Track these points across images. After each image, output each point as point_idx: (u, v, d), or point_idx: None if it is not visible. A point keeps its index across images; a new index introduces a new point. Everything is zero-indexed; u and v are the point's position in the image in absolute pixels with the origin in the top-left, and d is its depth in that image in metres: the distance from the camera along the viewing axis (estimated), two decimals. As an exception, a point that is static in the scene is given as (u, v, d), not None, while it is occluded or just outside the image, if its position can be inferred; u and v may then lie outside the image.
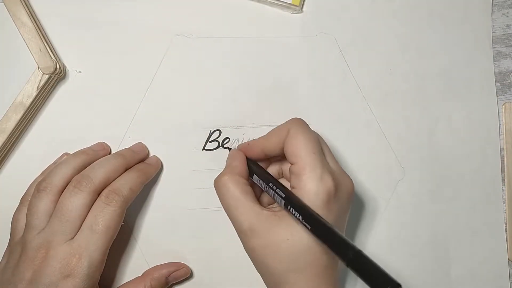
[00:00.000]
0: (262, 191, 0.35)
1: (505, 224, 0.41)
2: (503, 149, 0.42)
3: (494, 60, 0.42)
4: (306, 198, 0.30)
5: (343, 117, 0.40)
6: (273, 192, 0.31)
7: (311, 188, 0.30)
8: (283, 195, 0.31)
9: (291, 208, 0.30)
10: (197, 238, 0.39)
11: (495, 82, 0.42)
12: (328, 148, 0.34)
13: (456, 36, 0.42)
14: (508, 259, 0.41)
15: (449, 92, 0.42)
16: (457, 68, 0.42)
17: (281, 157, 0.35)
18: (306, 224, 0.28)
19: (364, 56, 0.41)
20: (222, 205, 0.33)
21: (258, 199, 0.34)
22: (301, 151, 0.31)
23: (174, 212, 0.38)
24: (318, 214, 0.29)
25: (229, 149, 0.39)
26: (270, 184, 0.32)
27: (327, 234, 0.27)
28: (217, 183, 0.33)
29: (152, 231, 0.38)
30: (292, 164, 0.32)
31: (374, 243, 0.40)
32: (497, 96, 0.42)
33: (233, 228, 0.39)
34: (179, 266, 0.37)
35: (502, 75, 0.43)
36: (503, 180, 0.42)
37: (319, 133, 0.40)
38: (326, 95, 0.40)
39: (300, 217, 0.29)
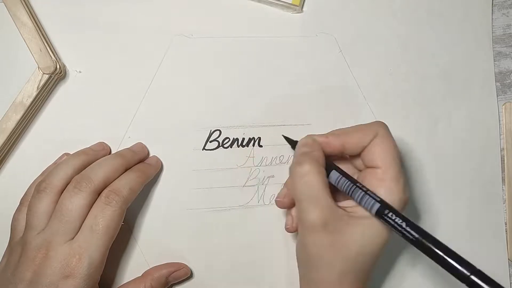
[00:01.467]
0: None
1: (505, 224, 0.41)
2: (503, 149, 0.42)
3: (494, 60, 0.42)
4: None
5: (343, 117, 0.40)
6: (363, 194, 0.30)
7: (395, 196, 0.30)
8: (378, 199, 0.30)
9: (390, 214, 0.29)
10: (197, 238, 0.39)
11: (495, 82, 0.42)
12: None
13: (456, 36, 0.42)
14: (508, 259, 0.41)
15: (449, 92, 0.42)
16: (457, 68, 0.42)
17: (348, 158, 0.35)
18: (412, 232, 0.28)
19: (364, 56, 0.41)
20: (295, 193, 0.31)
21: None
22: (389, 157, 0.31)
23: (174, 212, 0.38)
24: (418, 226, 0.29)
25: (288, 139, 0.37)
26: (358, 185, 0.31)
27: (435, 245, 0.28)
28: (299, 172, 0.31)
29: (152, 231, 0.38)
30: (374, 167, 0.31)
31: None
32: (497, 96, 0.42)
33: (233, 228, 0.39)
34: (179, 266, 0.37)
35: (502, 75, 0.43)
36: (503, 180, 0.42)
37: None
38: (326, 95, 0.40)
39: (404, 223, 0.28)
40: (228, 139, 0.39)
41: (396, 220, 0.29)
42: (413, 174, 0.41)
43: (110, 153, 0.38)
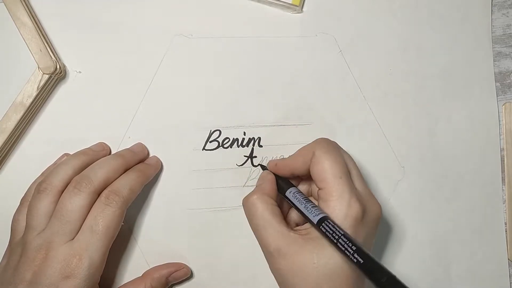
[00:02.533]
0: (288, 211, 0.35)
1: (505, 224, 0.41)
2: (503, 149, 0.42)
3: (494, 60, 0.42)
4: None
5: (343, 117, 0.40)
6: (306, 211, 0.31)
7: (338, 213, 0.30)
8: (318, 214, 0.30)
9: (325, 228, 0.29)
10: (197, 238, 0.39)
11: (495, 82, 0.42)
12: (356, 168, 0.34)
13: (456, 36, 0.42)
14: (508, 259, 0.41)
15: (449, 92, 0.42)
16: (457, 68, 0.42)
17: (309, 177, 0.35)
18: (341, 247, 0.28)
19: (364, 56, 0.41)
20: (250, 225, 0.33)
21: (285, 219, 0.34)
22: (327, 176, 0.31)
23: (174, 212, 0.38)
24: (352, 238, 0.28)
25: (262, 166, 0.39)
26: (304, 202, 0.32)
27: (362, 258, 0.27)
28: (246, 203, 0.33)
29: (152, 231, 0.38)
30: (319, 188, 0.32)
31: (374, 243, 0.40)
32: (497, 96, 0.42)
33: (233, 228, 0.39)
34: (179, 266, 0.37)
35: (502, 75, 0.43)
36: (503, 180, 0.42)
37: (319, 132, 0.40)
38: (326, 95, 0.40)
39: (335, 239, 0.28)
40: (228, 139, 0.39)
41: (329, 235, 0.29)
42: (413, 174, 0.41)
43: (110, 153, 0.38)
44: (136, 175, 0.35)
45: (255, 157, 0.39)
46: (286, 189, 0.34)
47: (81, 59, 0.39)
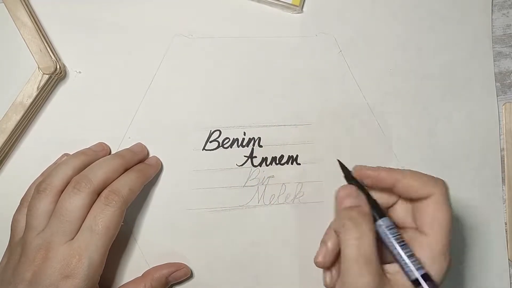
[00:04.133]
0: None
1: (505, 224, 0.41)
2: (503, 149, 0.42)
3: (494, 60, 0.42)
4: None
5: (343, 117, 0.40)
6: (406, 259, 0.29)
7: (436, 269, 0.29)
8: (419, 269, 0.28)
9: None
10: (197, 238, 0.39)
11: (495, 82, 0.42)
12: None
13: (456, 36, 0.42)
14: (508, 259, 0.41)
15: (449, 92, 0.42)
16: (457, 68, 0.42)
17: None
18: None
19: (364, 56, 0.41)
20: (347, 255, 0.28)
21: None
22: (439, 227, 0.29)
23: (174, 212, 0.38)
24: None
25: (343, 167, 0.33)
26: (400, 245, 0.29)
27: None
28: (352, 233, 0.29)
29: (152, 231, 0.38)
30: (421, 231, 0.30)
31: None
32: (497, 96, 0.42)
33: (233, 228, 0.39)
34: (179, 266, 0.37)
35: (502, 75, 0.43)
36: (503, 180, 0.42)
37: (318, 133, 0.40)
38: (326, 95, 0.40)
39: None
40: (228, 139, 0.39)
41: None
42: (413, 174, 0.41)
43: (110, 153, 0.38)
44: (136, 175, 0.35)
45: (255, 157, 0.39)
46: (377, 218, 0.30)
47: (81, 59, 0.39)
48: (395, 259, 0.29)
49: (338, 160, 0.33)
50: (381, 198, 0.32)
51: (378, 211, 0.31)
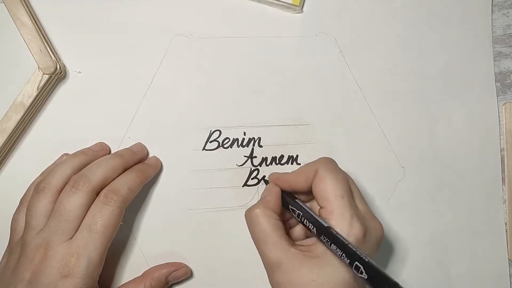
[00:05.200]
0: (292, 227, 0.35)
1: (505, 224, 0.41)
2: (503, 149, 0.42)
3: (494, 60, 0.42)
4: None
5: (343, 117, 0.40)
6: (308, 223, 0.31)
7: (339, 232, 0.30)
8: (320, 226, 0.30)
9: (326, 239, 0.29)
10: (197, 238, 0.39)
11: (495, 82, 0.42)
12: (357, 189, 0.34)
13: (456, 36, 0.42)
14: (508, 259, 0.41)
15: (449, 92, 0.42)
16: (457, 68, 0.42)
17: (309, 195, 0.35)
18: (345, 257, 0.28)
19: (364, 56, 0.41)
20: (252, 237, 0.33)
21: (289, 233, 0.34)
22: (329, 195, 0.31)
23: (174, 212, 0.38)
24: (357, 248, 0.28)
25: (266, 182, 0.39)
26: (311, 211, 0.32)
27: (365, 267, 0.27)
28: (249, 215, 0.33)
29: (152, 231, 0.38)
30: (320, 207, 0.32)
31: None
32: (497, 96, 0.42)
33: (233, 228, 0.39)
34: (179, 266, 0.37)
35: (502, 75, 0.42)
36: (503, 180, 0.42)
37: (318, 133, 0.40)
38: (326, 95, 0.40)
39: (338, 250, 0.28)
40: (228, 139, 0.39)
41: (331, 242, 0.29)
42: (413, 174, 0.41)
43: (109, 153, 0.38)
44: (135, 174, 0.35)
45: (255, 157, 0.39)
46: (291, 200, 0.34)
47: (81, 59, 0.39)
48: (306, 228, 0.32)
49: (264, 179, 0.39)
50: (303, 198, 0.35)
51: (292, 197, 0.34)
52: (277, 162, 0.40)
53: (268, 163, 0.40)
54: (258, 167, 0.39)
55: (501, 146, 0.42)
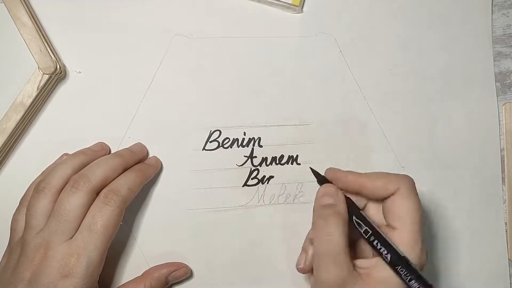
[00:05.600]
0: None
1: (505, 224, 0.41)
2: (503, 149, 0.42)
3: (494, 60, 0.42)
4: None
5: (343, 117, 0.40)
6: (381, 246, 0.29)
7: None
8: (399, 254, 0.29)
9: (403, 270, 0.28)
10: (197, 238, 0.39)
11: (495, 82, 0.42)
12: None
13: (456, 36, 0.42)
14: (508, 259, 0.41)
15: (449, 92, 0.42)
16: (457, 68, 0.42)
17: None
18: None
19: (364, 56, 0.41)
20: (318, 249, 0.30)
21: None
22: (408, 217, 0.30)
23: (174, 212, 0.38)
24: (430, 282, 0.28)
25: (315, 173, 0.35)
26: (378, 235, 0.30)
27: None
28: (324, 229, 0.30)
29: (152, 231, 0.38)
30: (392, 227, 0.30)
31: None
32: (497, 96, 0.42)
33: (233, 228, 0.39)
34: (179, 266, 0.37)
35: (502, 75, 0.42)
36: (503, 180, 0.42)
37: (318, 133, 0.40)
38: (326, 95, 0.40)
39: (415, 283, 0.28)
40: (228, 139, 0.39)
41: (406, 277, 0.28)
42: (413, 174, 0.41)
43: (109, 153, 0.38)
44: (135, 174, 0.35)
45: (255, 157, 0.39)
46: (357, 211, 0.31)
47: (81, 59, 0.39)
48: (374, 249, 0.30)
49: (311, 168, 0.35)
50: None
51: (355, 209, 0.32)
52: (277, 162, 0.40)
53: (268, 163, 0.40)
54: (258, 167, 0.39)
55: (501, 146, 0.42)
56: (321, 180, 0.34)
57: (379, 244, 0.29)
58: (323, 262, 0.30)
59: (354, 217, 0.31)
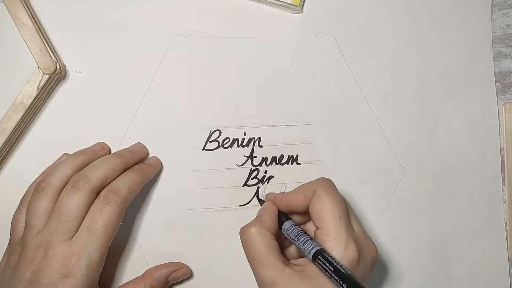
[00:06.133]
0: (287, 246, 0.35)
1: (505, 224, 0.41)
2: (503, 149, 0.42)
3: (494, 60, 0.42)
4: None
5: (343, 117, 0.40)
6: (305, 241, 0.31)
7: (335, 255, 0.30)
8: (314, 247, 0.30)
9: (321, 261, 0.29)
10: (197, 238, 0.39)
11: (495, 82, 0.42)
12: (352, 210, 0.34)
13: (456, 36, 0.42)
14: (508, 259, 0.41)
15: (449, 92, 0.42)
16: (457, 68, 0.42)
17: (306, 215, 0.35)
18: (337, 279, 0.28)
19: (364, 56, 0.41)
20: (246, 255, 0.32)
21: (284, 252, 0.34)
22: (326, 215, 0.31)
23: (173, 212, 0.38)
24: (350, 271, 0.28)
25: (260, 201, 0.38)
26: (299, 235, 0.32)
27: None
28: (243, 234, 0.32)
29: (152, 231, 0.38)
30: (317, 227, 0.32)
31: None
32: (497, 96, 0.42)
33: (233, 228, 0.39)
34: (179, 266, 0.37)
35: (502, 75, 0.43)
36: (503, 180, 0.42)
37: (318, 133, 0.40)
38: (326, 95, 0.40)
39: (332, 271, 0.28)
40: (228, 139, 0.39)
41: (326, 267, 0.29)
42: (413, 174, 0.41)
43: (109, 153, 0.38)
44: (136, 174, 0.35)
45: (255, 157, 0.39)
46: (283, 222, 0.34)
47: (81, 59, 0.39)
48: (299, 250, 0.32)
49: (258, 198, 0.39)
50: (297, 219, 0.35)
51: (284, 218, 0.34)
52: (277, 162, 0.40)
53: (268, 163, 0.40)
54: (258, 167, 0.39)
55: (501, 146, 0.42)
56: (261, 201, 0.38)
57: (301, 243, 0.31)
58: (253, 266, 0.32)
59: (283, 226, 0.33)
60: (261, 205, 0.36)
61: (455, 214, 0.41)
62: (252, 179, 0.39)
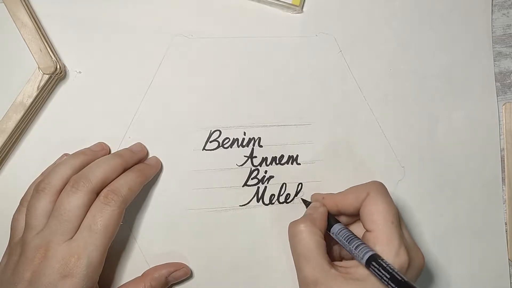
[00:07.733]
0: (334, 244, 0.35)
1: (505, 224, 0.41)
2: (503, 149, 0.42)
3: (494, 60, 0.42)
4: None
5: (343, 117, 0.40)
6: (357, 245, 0.31)
7: (388, 260, 0.29)
8: (367, 252, 0.30)
9: (375, 267, 0.29)
10: (197, 238, 0.39)
11: (495, 82, 0.42)
12: (402, 218, 0.33)
13: (456, 36, 0.42)
14: (508, 259, 0.41)
15: (449, 92, 0.42)
16: (457, 68, 0.42)
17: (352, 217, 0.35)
18: (394, 287, 0.28)
19: (364, 56, 0.41)
20: (292, 251, 0.32)
21: (330, 252, 0.34)
22: (379, 219, 0.31)
23: (174, 212, 0.38)
24: (406, 278, 0.28)
25: (305, 201, 0.38)
26: (350, 240, 0.32)
27: None
28: (293, 229, 0.33)
29: (152, 231, 0.38)
30: (368, 230, 0.31)
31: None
32: (497, 96, 0.42)
33: (233, 228, 0.39)
34: (179, 266, 0.37)
35: (502, 75, 0.43)
36: (503, 180, 0.42)
37: (318, 133, 0.40)
38: (326, 95, 0.40)
39: (388, 278, 0.28)
40: (228, 139, 0.39)
41: (382, 273, 0.28)
42: (413, 174, 0.41)
43: (109, 153, 0.38)
44: (136, 174, 0.35)
45: (255, 157, 0.39)
46: (330, 224, 0.34)
47: (81, 59, 0.39)
48: (350, 253, 0.32)
49: (302, 199, 0.39)
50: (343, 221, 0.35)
51: (333, 221, 0.34)
52: (277, 162, 0.40)
53: (268, 163, 0.40)
54: (258, 167, 0.39)
55: (501, 146, 0.42)
56: (307, 205, 0.37)
57: (353, 246, 0.31)
58: (298, 262, 0.32)
59: (332, 228, 0.33)
60: (305, 206, 0.37)
61: (455, 214, 0.41)
62: (252, 179, 0.39)
